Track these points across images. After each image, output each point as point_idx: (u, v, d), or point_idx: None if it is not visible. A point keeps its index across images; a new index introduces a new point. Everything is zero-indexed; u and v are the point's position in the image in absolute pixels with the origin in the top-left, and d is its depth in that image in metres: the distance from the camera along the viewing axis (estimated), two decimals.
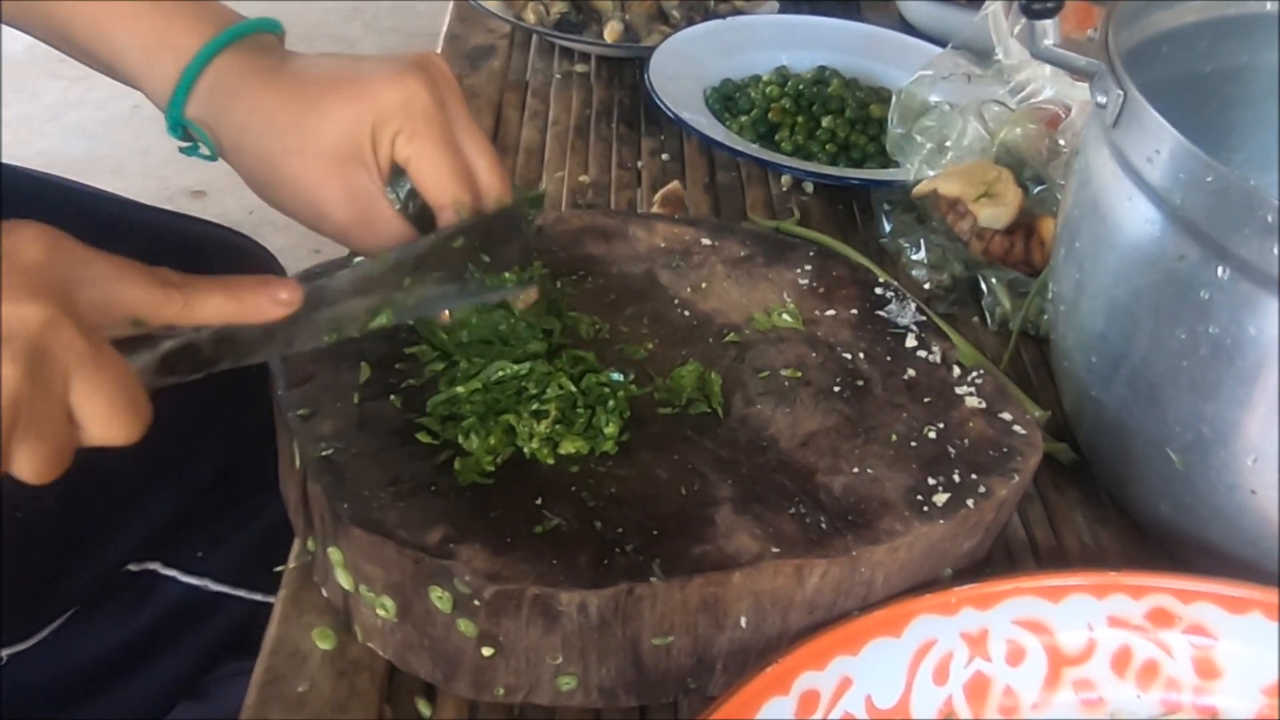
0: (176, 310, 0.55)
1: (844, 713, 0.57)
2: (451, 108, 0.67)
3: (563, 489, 0.62)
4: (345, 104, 0.65)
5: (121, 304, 0.53)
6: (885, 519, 0.61)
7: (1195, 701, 0.61)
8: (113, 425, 0.52)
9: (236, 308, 0.57)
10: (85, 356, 0.50)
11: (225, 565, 0.90)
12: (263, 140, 0.67)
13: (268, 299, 0.58)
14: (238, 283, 0.57)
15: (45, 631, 0.84)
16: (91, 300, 0.52)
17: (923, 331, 0.75)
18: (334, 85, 0.66)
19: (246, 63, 0.68)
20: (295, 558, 0.67)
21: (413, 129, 0.65)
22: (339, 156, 0.65)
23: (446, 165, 0.66)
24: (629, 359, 0.70)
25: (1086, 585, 0.62)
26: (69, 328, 0.49)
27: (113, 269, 0.53)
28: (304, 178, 0.66)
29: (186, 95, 0.68)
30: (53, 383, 0.49)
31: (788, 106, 1.13)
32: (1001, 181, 0.94)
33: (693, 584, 0.57)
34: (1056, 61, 0.71)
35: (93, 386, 0.50)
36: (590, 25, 1.26)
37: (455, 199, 0.66)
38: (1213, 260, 0.60)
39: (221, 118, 0.68)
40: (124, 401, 0.52)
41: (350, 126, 0.65)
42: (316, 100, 0.66)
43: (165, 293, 0.55)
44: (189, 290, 0.55)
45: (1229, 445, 0.63)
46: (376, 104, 0.65)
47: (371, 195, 0.66)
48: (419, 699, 0.62)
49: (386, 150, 0.65)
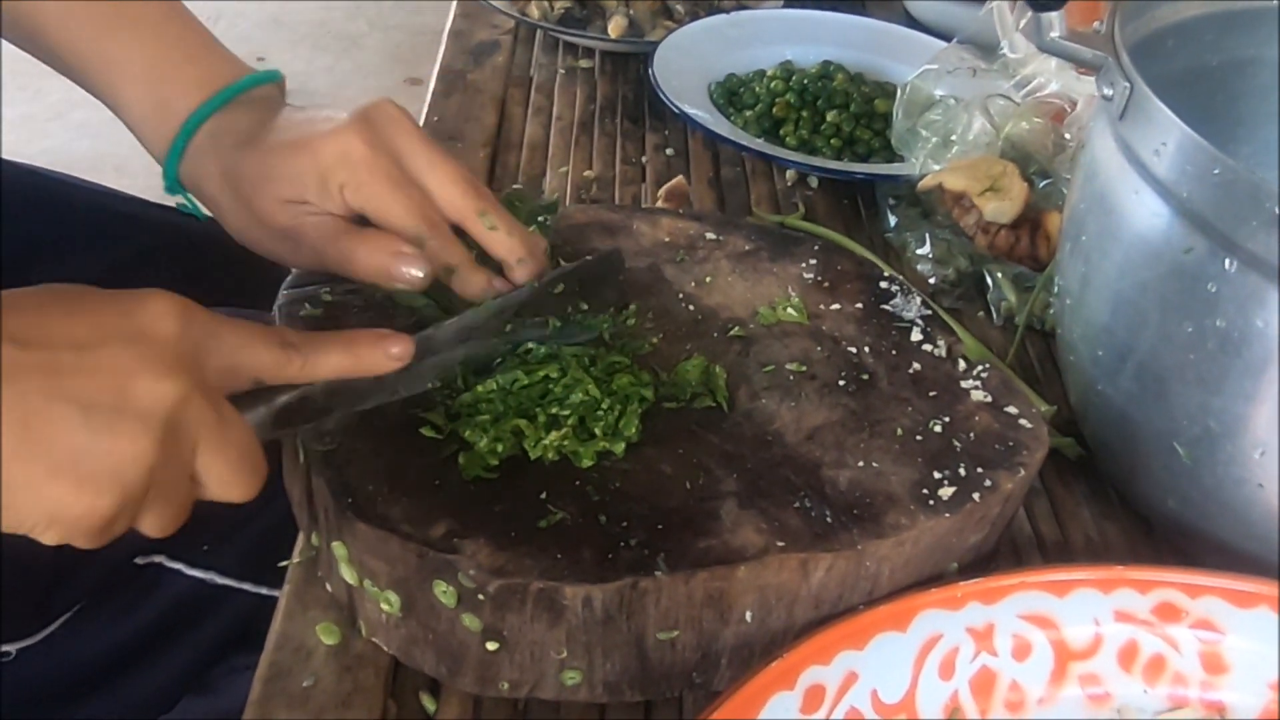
0: (296, 370, 0.58)
1: (849, 708, 0.57)
2: (403, 148, 0.69)
3: (567, 483, 0.61)
4: (290, 162, 0.69)
5: (246, 368, 0.56)
6: (891, 513, 0.61)
7: (1202, 696, 0.61)
8: (233, 486, 0.54)
9: (353, 364, 0.60)
10: (213, 426, 0.52)
11: (231, 559, 0.90)
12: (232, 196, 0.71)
13: (382, 354, 0.60)
14: (354, 338, 0.60)
15: (53, 626, 0.84)
16: (218, 367, 0.54)
17: (928, 325, 0.74)
18: (286, 146, 0.69)
19: (229, 127, 0.72)
20: (300, 553, 0.67)
21: (355, 181, 0.68)
22: (292, 203, 0.69)
23: (397, 205, 0.68)
24: (634, 353, 0.70)
25: (1093, 580, 0.61)
26: (199, 401, 0.52)
27: (237, 335, 0.55)
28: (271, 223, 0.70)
29: (178, 163, 0.73)
30: (182, 452, 0.52)
31: (792, 101, 1.12)
32: (1007, 176, 0.94)
33: (698, 578, 0.57)
34: (1063, 54, 0.71)
35: (217, 453, 0.53)
36: (594, 20, 1.26)
37: (416, 237, 0.68)
38: (1220, 253, 0.59)
39: (202, 180, 0.73)
40: (244, 463, 0.54)
41: (297, 182, 0.69)
42: (269, 162, 0.70)
43: (286, 355, 0.57)
44: (308, 350, 0.58)
45: (1236, 439, 0.62)
46: (316, 160, 0.68)
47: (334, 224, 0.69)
48: (423, 694, 0.62)
49: (339, 202, 0.68)
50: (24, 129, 2.72)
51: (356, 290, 0.72)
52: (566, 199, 1.03)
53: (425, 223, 0.68)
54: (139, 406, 0.49)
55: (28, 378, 0.48)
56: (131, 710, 0.90)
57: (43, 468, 0.48)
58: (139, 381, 0.50)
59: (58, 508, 0.49)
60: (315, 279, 0.72)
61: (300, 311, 0.70)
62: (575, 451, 0.63)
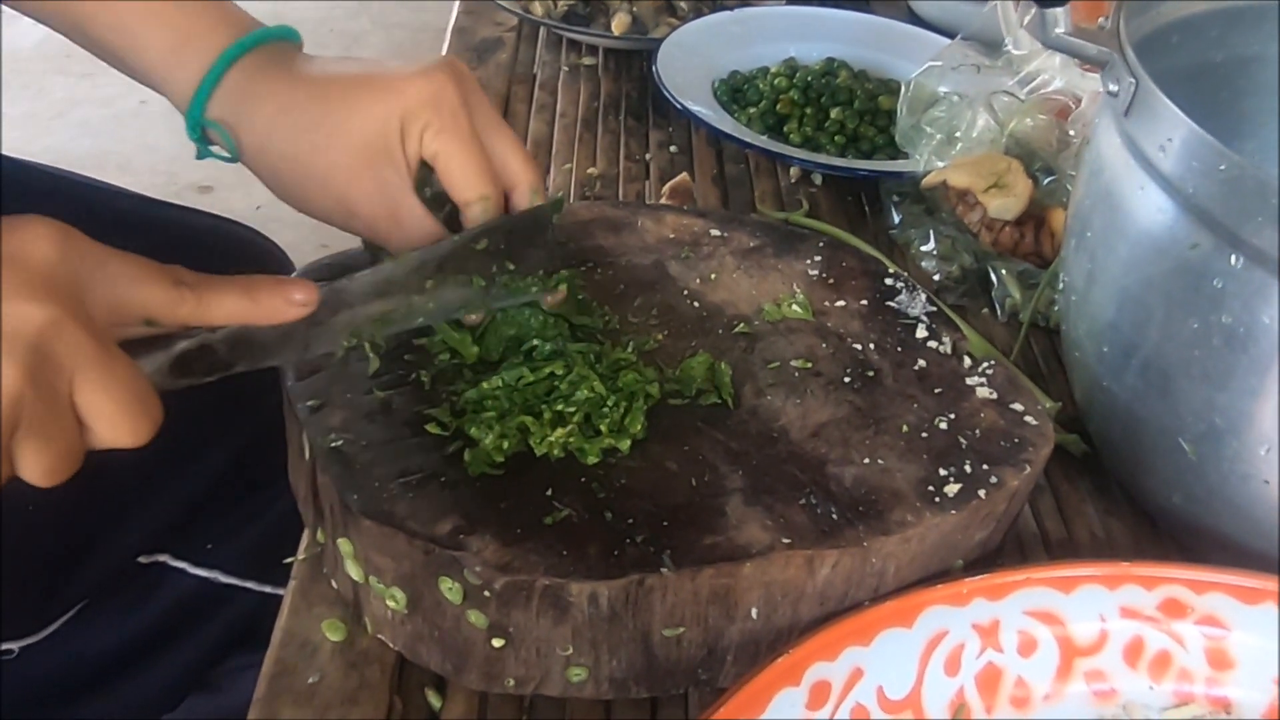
0: (190, 310, 0.55)
1: (855, 703, 0.57)
2: (477, 106, 0.67)
3: (573, 480, 0.61)
4: (374, 100, 0.65)
5: (134, 303, 0.53)
6: (896, 510, 0.61)
7: (1208, 693, 0.61)
8: (120, 427, 0.51)
9: (251, 308, 0.56)
10: (92, 357, 0.49)
11: (235, 557, 0.90)
12: (290, 138, 0.67)
13: (283, 300, 0.57)
14: (253, 283, 0.57)
15: (56, 624, 0.84)
16: (103, 299, 0.52)
17: (933, 322, 0.74)
18: (362, 83, 0.66)
19: (269, 65, 0.68)
20: (305, 549, 0.67)
21: (440, 124, 0.65)
22: (368, 152, 0.65)
23: (473, 161, 0.66)
24: (639, 350, 0.70)
25: (1098, 576, 0.61)
26: (74, 328, 0.49)
27: (126, 267, 0.53)
28: (333, 174, 0.66)
29: (209, 95, 0.68)
30: (57, 384, 0.49)
31: (796, 98, 1.12)
32: (1011, 172, 0.94)
33: (703, 575, 0.57)
34: (1068, 50, 0.71)
35: (99, 387, 0.50)
36: (598, 18, 1.26)
37: (481, 195, 0.66)
38: (1225, 249, 0.59)
39: (245, 118, 0.68)
40: (132, 402, 0.51)
41: (379, 123, 0.65)
42: (344, 98, 0.66)
43: (179, 292, 0.54)
44: (203, 290, 0.55)
45: (1242, 435, 0.62)
46: (404, 100, 0.65)
47: (400, 191, 0.66)
48: (429, 690, 0.62)
49: (415, 146, 0.66)
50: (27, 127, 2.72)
51: None
52: (571, 196, 1.03)
53: (492, 185, 0.67)
54: (4, 330, 0.47)
55: None
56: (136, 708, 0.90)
57: None
58: (4, 304, 0.47)
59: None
60: (320, 275, 0.72)
61: None
62: (581, 448, 0.63)
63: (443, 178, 0.67)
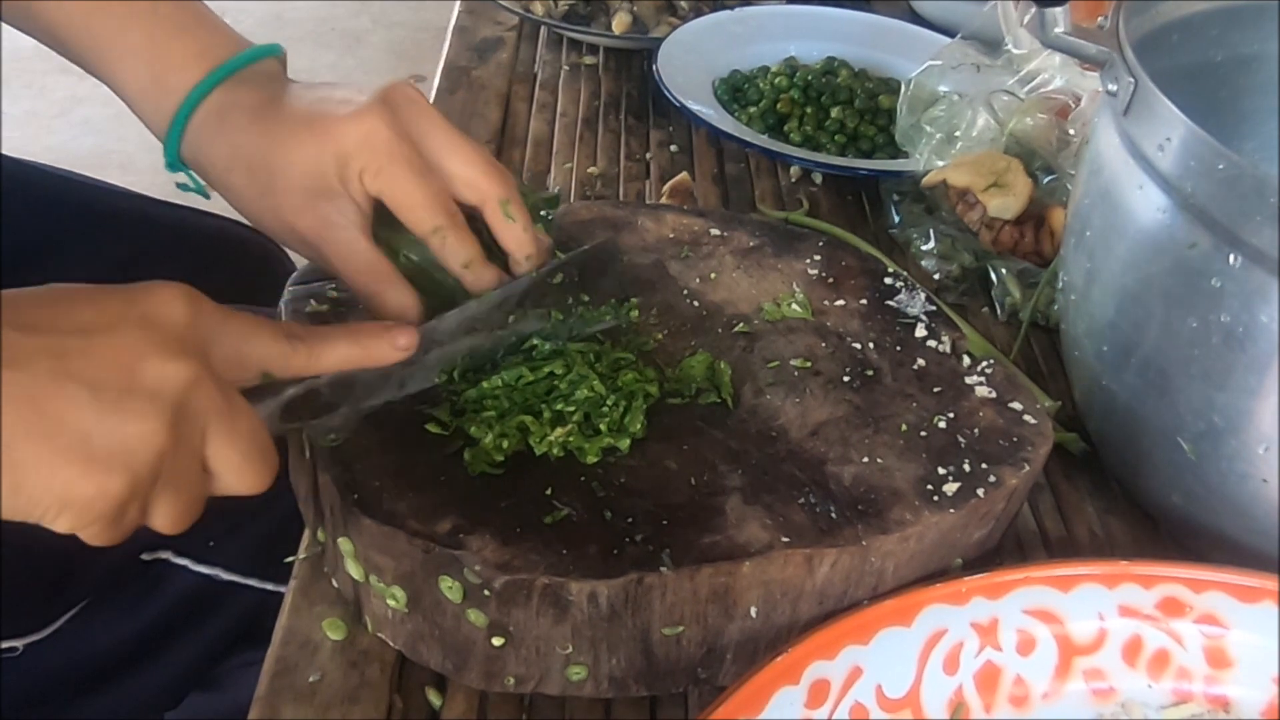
0: (302, 362, 0.58)
1: (854, 702, 0.57)
2: (427, 131, 0.67)
3: (572, 479, 0.62)
4: (310, 143, 0.66)
5: (253, 358, 0.56)
6: (895, 508, 0.61)
7: (1207, 691, 0.61)
8: (245, 476, 0.54)
9: (360, 355, 0.60)
10: (222, 411, 0.52)
11: (237, 555, 0.90)
12: (242, 178, 0.69)
13: (388, 345, 0.61)
14: (360, 330, 0.61)
15: (59, 622, 0.84)
16: (225, 356, 0.55)
17: (932, 321, 0.75)
18: (300, 126, 0.67)
19: (232, 103, 0.69)
20: (306, 548, 0.67)
21: (376, 166, 0.65)
22: (307, 193, 0.66)
23: (417, 195, 0.65)
24: (639, 349, 0.70)
25: (1097, 575, 0.62)
26: (208, 385, 0.52)
27: (244, 326, 0.56)
28: (279, 211, 0.68)
29: (180, 138, 0.70)
30: (192, 437, 0.52)
31: (796, 97, 1.12)
32: (1011, 171, 0.94)
33: (703, 574, 0.57)
34: (1067, 49, 0.71)
35: (228, 439, 0.53)
36: (598, 17, 1.26)
37: (434, 227, 0.66)
38: (1224, 248, 0.59)
39: (208, 158, 0.70)
40: (256, 452, 0.54)
41: (314, 164, 0.66)
42: (284, 141, 0.67)
43: (292, 346, 0.57)
44: (314, 342, 0.58)
45: (1241, 434, 0.62)
46: (336, 144, 0.65)
47: (341, 225, 0.66)
48: (429, 689, 0.62)
49: (358, 187, 0.66)
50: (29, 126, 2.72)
51: None
52: (571, 195, 1.03)
53: (444, 215, 0.66)
54: (148, 387, 0.49)
55: (34, 361, 0.48)
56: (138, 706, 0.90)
57: (51, 448, 0.48)
58: (148, 362, 0.50)
59: (67, 489, 0.48)
60: (321, 275, 0.72)
61: (306, 308, 0.70)
62: (580, 448, 0.63)
63: (394, 213, 0.67)
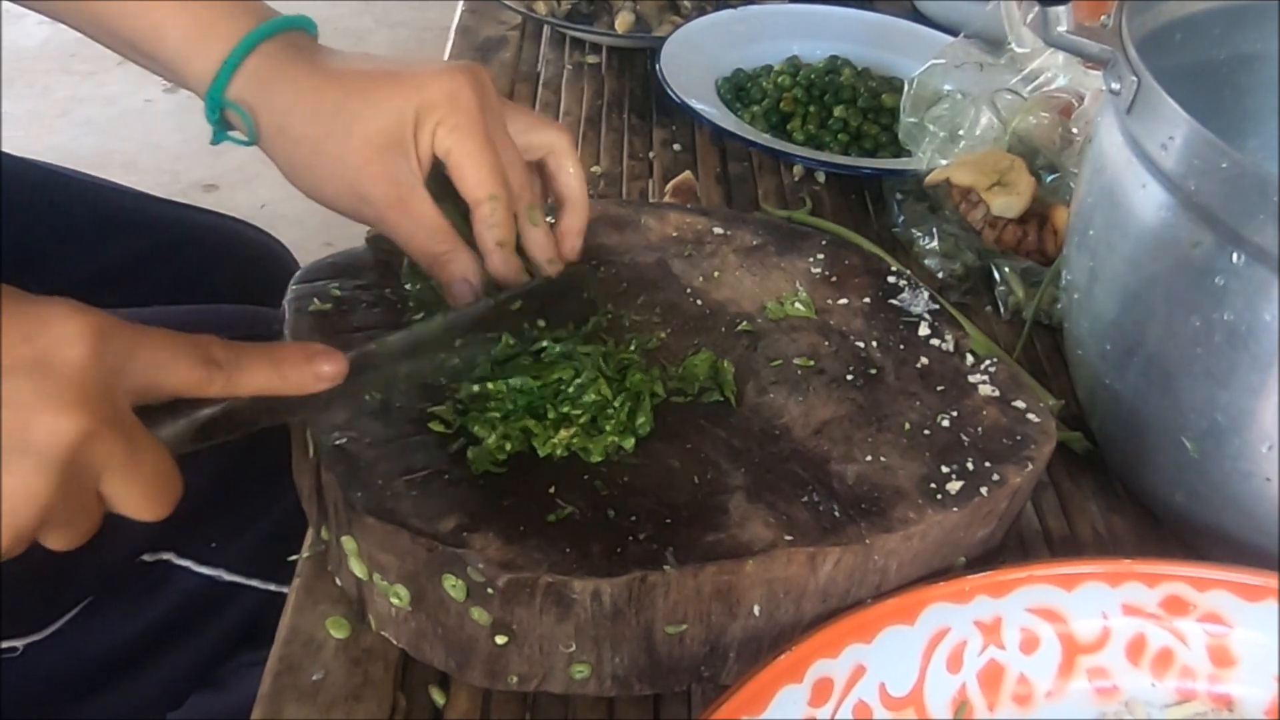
0: (219, 389, 0.54)
1: (858, 700, 0.57)
2: (492, 115, 0.68)
3: (576, 477, 0.62)
4: (393, 93, 0.66)
5: (164, 387, 0.53)
6: (899, 507, 0.61)
7: (1210, 689, 0.61)
8: (143, 510, 0.52)
9: (279, 383, 0.56)
10: (121, 458, 0.50)
11: (239, 555, 0.90)
12: (307, 123, 0.68)
13: (310, 374, 0.57)
14: (281, 357, 0.56)
15: (60, 622, 0.84)
16: (133, 386, 0.51)
17: (936, 320, 0.75)
18: (382, 75, 0.67)
19: (291, 52, 0.69)
20: (309, 547, 0.67)
21: (455, 121, 0.66)
22: (382, 141, 0.66)
23: (485, 160, 0.66)
24: (642, 348, 0.70)
25: (1101, 573, 0.61)
26: (106, 436, 0.49)
27: (156, 354, 0.52)
28: (346, 160, 0.67)
29: (230, 77, 0.69)
30: (86, 482, 0.50)
31: (799, 96, 1.12)
32: (1014, 170, 0.94)
33: (706, 572, 0.57)
34: (1070, 48, 0.71)
35: (127, 481, 0.51)
36: (601, 16, 1.26)
37: (491, 194, 0.67)
38: (1227, 247, 0.59)
39: (265, 100, 0.69)
40: (156, 489, 0.52)
41: (395, 114, 0.66)
42: (363, 88, 0.67)
43: (208, 373, 0.54)
44: (232, 370, 0.54)
45: (1244, 433, 0.62)
46: (421, 94, 0.66)
47: (410, 183, 0.67)
48: (433, 687, 0.62)
49: (427, 140, 0.66)
50: (31, 125, 2.72)
51: (367, 286, 0.72)
52: None
53: (502, 185, 0.67)
54: (36, 444, 0.47)
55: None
56: (141, 706, 0.90)
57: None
58: (38, 417, 0.47)
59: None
60: (324, 274, 0.72)
61: (309, 306, 0.70)
62: (585, 447, 0.63)
63: (454, 173, 0.67)
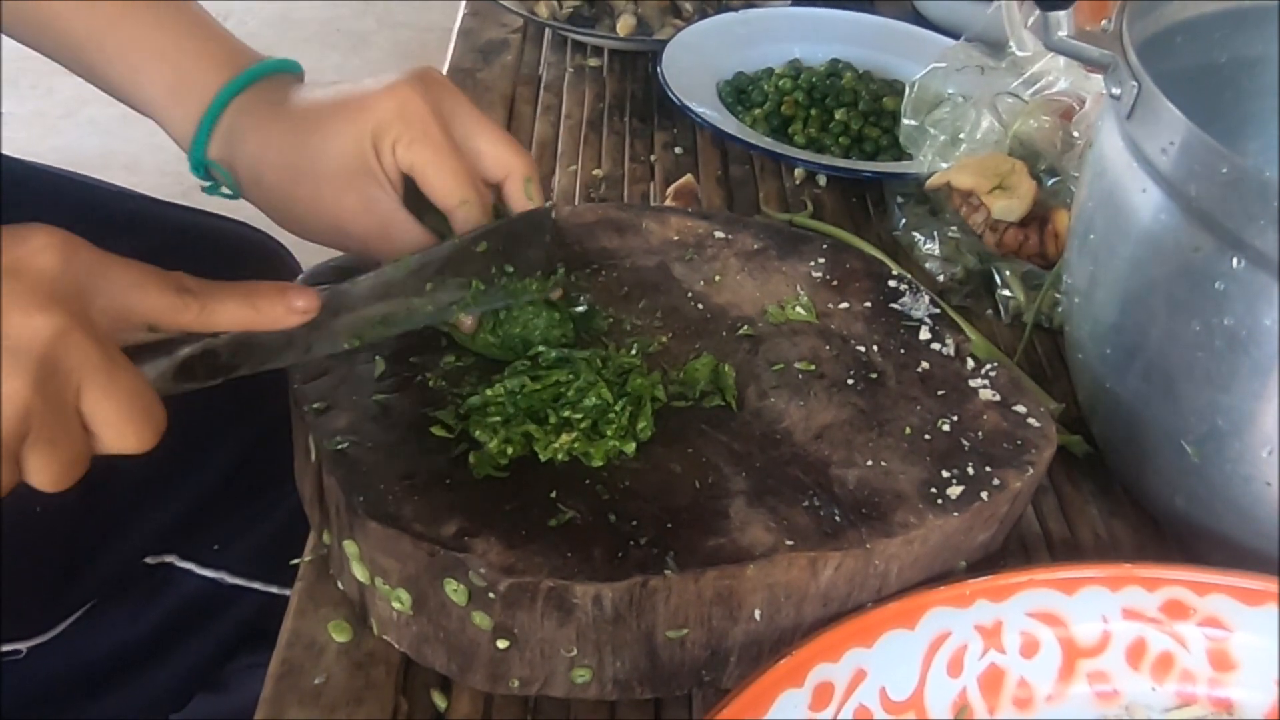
0: (192, 317, 0.55)
1: (858, 705, 0.57)
2: (454, 110, 0.68)
3: (577, 482, 0.62)
4: (345, 122, 0.66)
5: (137, 311, 0.53)
6: (899, 511, 0.61)
7: (1210, 694, 0.61)
8: (125, 434, 0.52)
9: (253, 315, 0.57)
10: (98, 365, 0.50)
11: (241, 558, 0.90)
12: (276, 170, 0.68)
13: (284, 307, 0.58)
14: (254, 290, 0.57)
15: (64, 624, 0.84)
16: (106, 307, 0.52)
17: (936, 324, 0.75)
18: (333, 108, 0.67)
19: (260, 101, 0.70)
20: (311, 551, 0.67)
21: (410, 136, 0.66)
22: (348, 173, 0.67)
23: (448, 167, 0.66)
24: (643, 352, 0.70)
25: (1101, 578, 0.62)
26: (80, 337, 0.49)
27: (128, 275, 0.53)
28: (320, 200, 0.67)
29: (208, 137, 0.70)
30: (64, 393, 0.49)
31: (800, 99, 1.13)
32: (1015, 174, 0.94)
33: (707, 576, 0.57)
34: (1070, 53, 0.71)
35: (105, 395, 0.50)
36: (603, 19, 1.26)
37: (461, 200, 0.67)
38: (1228, 251, 0.59)
39: (239, 155, 0.70)
40: (137, 409, 0.52)
41: (352, 143, 0.66)
42: (318, 124, 0.67)
43: (181, 299, 0.54)
44: (205, 297, 0.55)
45: (1244, 437, 0.62)
46: (371, 117, 0.66)
47: (387, 208, 0.67)
48: (434, 691, 0.62)
49: (390, 160, 0.67)
50: (35, 126, 2.72)
51: None
52: (575, 197, 1.03)
53: (472, 188, 0.67)
54: (10, 343, 0.47)
55: None
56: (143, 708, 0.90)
57: None
58: (10, 316, 0.48)
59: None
60: (328, 277, 0.72)
61: None
62: (586, 452, 0.63)
63: (421, 186, 0.67)
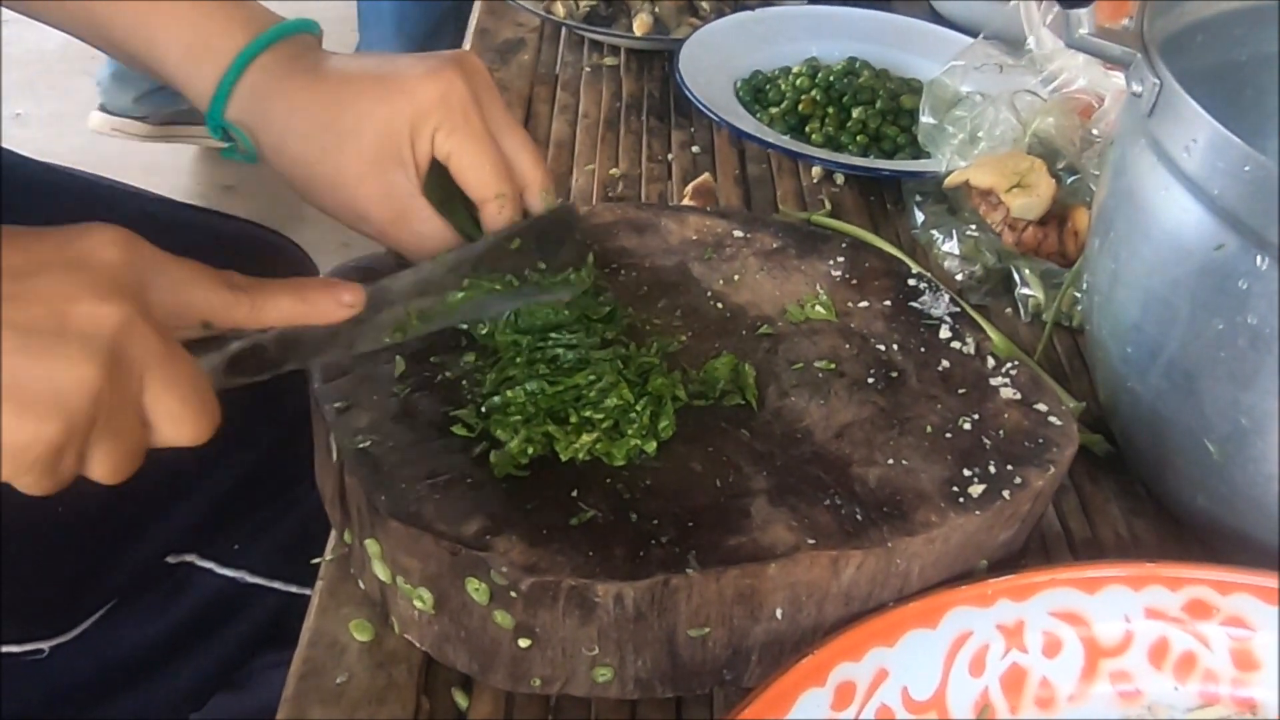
0: (245, 313, 0.57)
1: (880, 704, 0.57)
2: (487, 103, 0.67)
3: (598, 481, 0.62)
4: (381, 102, 0.66)
5: (192, 306, 0.55)
6: (921, 510, 0.61)
7: (1233, 694, 0.61)
8: (184, 425, 0.53)
9: (303, 310, 0.58)
10: (160, 357, 0.51)
11: (262, 557, 0.91)
12: (301, 141, 0.67)
13: (333, 301, 0.59)
14: (304, 285, 0.59)
15: (86, 624, 0.85)
16: (164, 303, 0.53)
17: (956, 323, 0.74)
18: (371, 84, 0.66)
19: (286, 64, 0.68)
20: (332, 550, 0.67)
21: (452, 124, 0.65)
22: (377, 156, 0.66)
23: (487, 159, 0.66)
24: (663, 351, 0.70)
25: (1123, 577, 0.61)
26: (145, 328, 0.50)
27: (184, 272, 0.55)
28: (341, 177, 0.67)
29: (227, 97, 0.69)
30: (129, 382, 0.50)
31: (818, 98, 1.12)
32: (1034, 172, 0.94)
33: (728, 575, 0.57)
34: (1091, 50, 0.71)
35: (166, 386, 0.52)
36: (619, 18, 1.26)
37: (498, 193, 0.67)
38: (1251, 249, 0.59)
39: (261, 119, 0.69)
40: (195, 401, 0.53)
41: (387, 125, 0.66)
42: (353, 100, 0.66)
43: (234, 295, 0.56)
44: (256, 293, 0.57)
45: (1267, 436, 0.62)
46: (413, 101, 0.65)
47: (408, 194, 0.67)
48: (456, 690, 0.62)
49: (426, 146, 0.66)
50: (52, 127, 2.73)
51: None
52: (593, 197, 1.03)
53: (508, 182, 0.67)
54: (81, 330, 0.48)
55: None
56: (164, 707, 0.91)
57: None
58: (80, 305, 0.49)
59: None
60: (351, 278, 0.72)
61: None
62: (608, 452, 0.63)
63: (457, 176, 0.67)
